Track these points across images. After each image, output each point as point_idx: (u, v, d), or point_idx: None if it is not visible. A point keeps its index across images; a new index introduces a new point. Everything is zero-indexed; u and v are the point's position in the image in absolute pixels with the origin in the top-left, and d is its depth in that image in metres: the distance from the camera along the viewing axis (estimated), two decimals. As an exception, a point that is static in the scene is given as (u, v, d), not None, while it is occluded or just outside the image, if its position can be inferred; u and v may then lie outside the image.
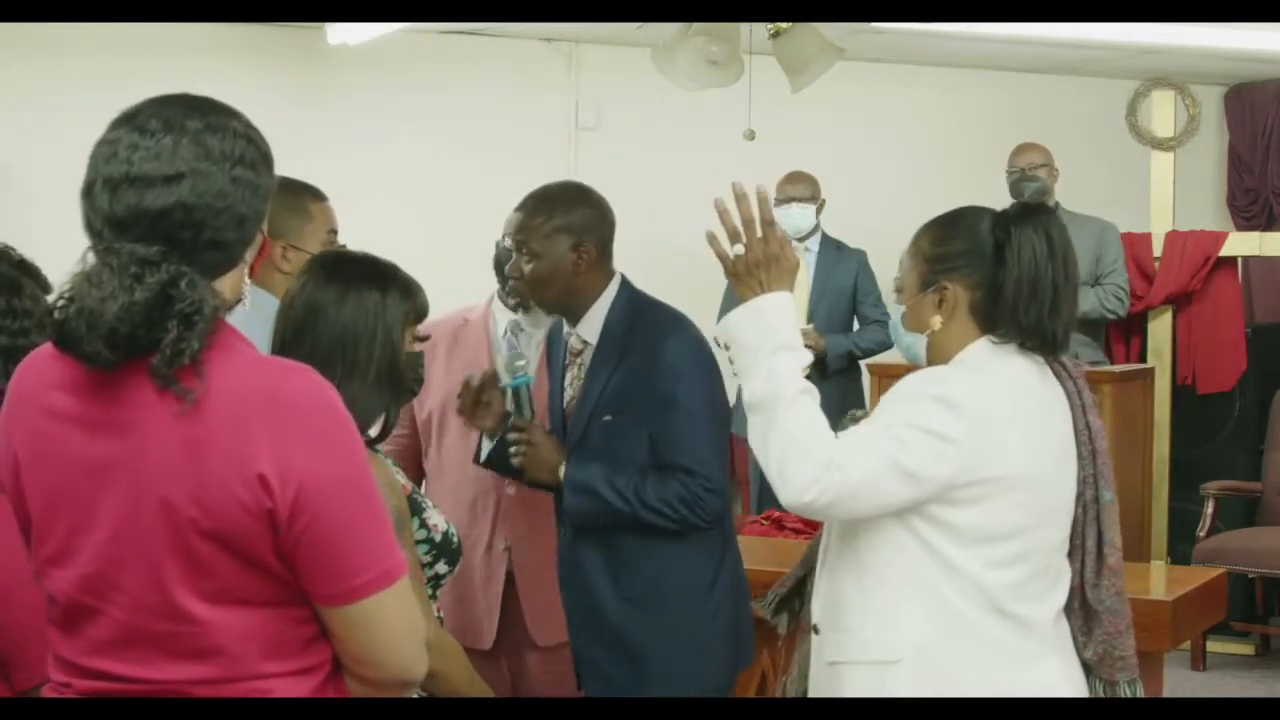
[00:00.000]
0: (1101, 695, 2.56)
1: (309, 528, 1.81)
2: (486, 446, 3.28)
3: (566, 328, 3.24)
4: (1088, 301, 6.13)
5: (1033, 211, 2.55)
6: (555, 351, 3.29)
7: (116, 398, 1.82)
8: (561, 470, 3.12)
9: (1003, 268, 2.49)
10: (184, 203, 1.82)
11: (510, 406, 3.22)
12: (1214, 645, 6.39)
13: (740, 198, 2.45)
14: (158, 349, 1.77)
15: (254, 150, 1.90)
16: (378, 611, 1.87)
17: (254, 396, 1.81)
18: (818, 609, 2.58)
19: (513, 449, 3.17)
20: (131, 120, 1.86)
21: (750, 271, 2.44)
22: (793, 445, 2.35)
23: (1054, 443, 2.51)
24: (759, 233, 2.45)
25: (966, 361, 2.51)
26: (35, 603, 2.01)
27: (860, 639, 2.50)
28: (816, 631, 2.58)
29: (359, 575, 1.85)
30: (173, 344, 1.77)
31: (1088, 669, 2.57)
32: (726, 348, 2.47)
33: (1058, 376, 2.57)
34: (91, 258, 1.81)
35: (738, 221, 2.46)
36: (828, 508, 2.37)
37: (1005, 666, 2.45)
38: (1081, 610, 2.54)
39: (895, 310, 2.63)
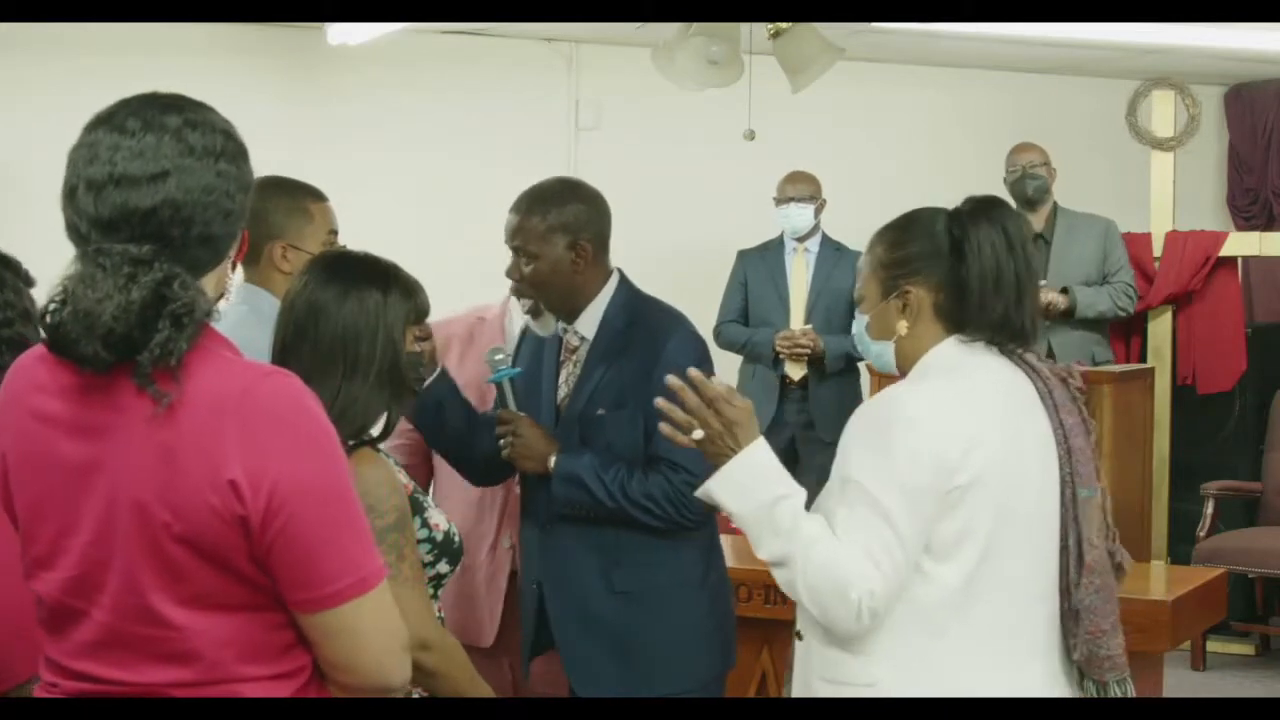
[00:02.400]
0: (1094, 696, 2.51)
1: (281, 534, 1.80)
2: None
3: (561, 325, 3.24)
4: (1103, 301, 6.13)
5: (987, 206, 2.52)
6: (549, 349, 3.28)
7: (98, 401, 1.81)
8: (552, 460, 3.12)
9: (963, 265, 2.47)
10: (171, 200, 1.81)
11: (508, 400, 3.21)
12: (1214, 645, 6.39)
13: (681, 389, 2.47)
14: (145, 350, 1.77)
15: (233, 144, 1.89)
16: (353, 619, 1.85)
17: (226, 400, 1.79)
18: (802, 615, 2.51)
19: (500, 441, 3.17)
20: (109, 121, 1.84)
21: (718, 442, 2.44)
22: (822, 596, 2.35)
23: (1033, 441, 2.47)
24: (709, 409, 2.45)
25: (932, 365, 2.49)
26: (18, 603, 2.01)
27: (835, 657, 2.44)
28: (799, 638, 2.53)
29: (333, 583, 1.83)
30: (161, 344, 1.76)
31: (1082, 672, 2.52)
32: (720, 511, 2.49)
33: (1027, 376, 2.51)
34: (80, 260, 1.79)
35: (682, 415, 2.47)
36: (880, 616, 2.36)
37: (984, 675, 2.41)
38: (1070, 611, 2.48)
39: (858, 320, 2.60)
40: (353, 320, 2.47)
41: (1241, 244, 6.72)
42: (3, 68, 6.23)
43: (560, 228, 3.12)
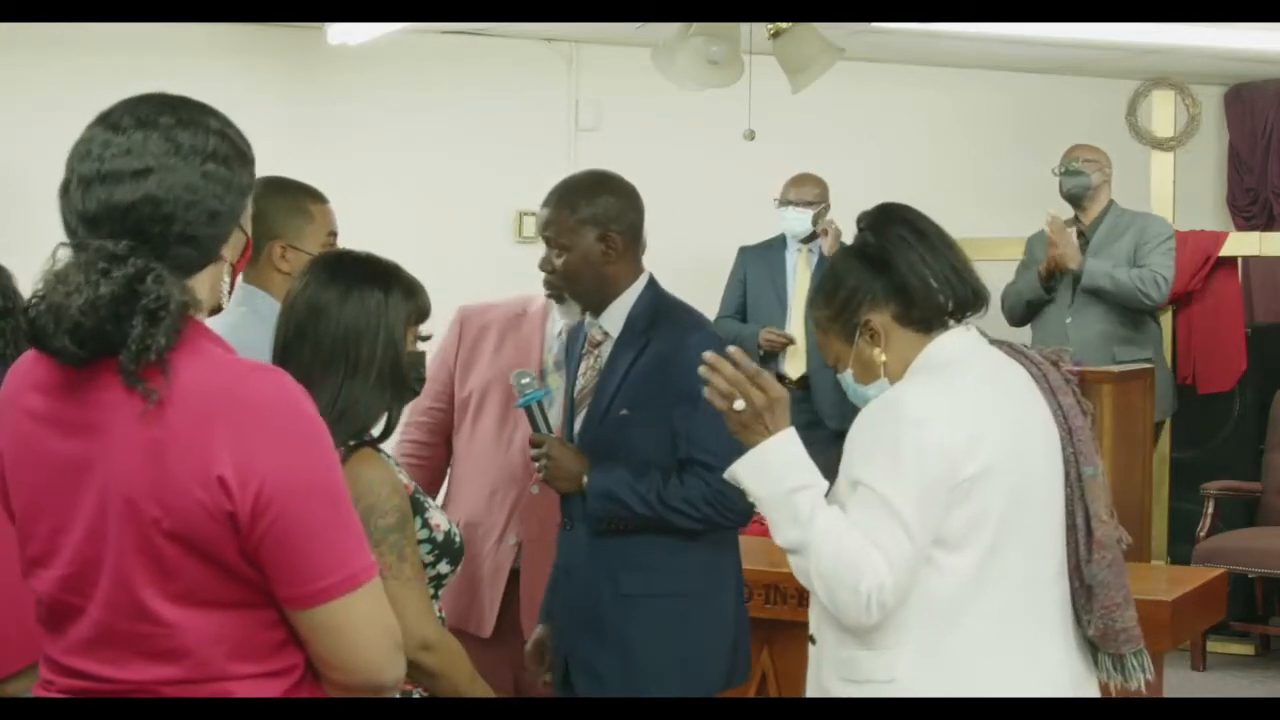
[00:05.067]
0: (1110, 670, 2.56)
1: (270, 530, 1.80)
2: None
3: (588, 318, 3.24)
4: (1121, 273, 5.98)
5: (882, 212, 2.60)
6: (574, 342, 3.30)
7: (87, 398, 1.82)
8: (585, 479, 3.12)
9: (892, 270, 2.53)
10: (151, 196, 1.81)
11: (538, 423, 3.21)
12: (1214, 645, 6.39)
13: (718, 362, 2.49)
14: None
15: (228, 146, 1.89)
16: (343, 616, 1.85)
17: (215, 396, 1.80)
18: (814, 618, 2.55)
19: (536, 465, 3.19)
20: (106, 119, 1.87)
21: (756, 419, 2.46)
22: (834, 587, 2.38)
23: (1035, 425, 2.52)
24: (751, 384, 2.47)
25: (926, 362, 2.52)
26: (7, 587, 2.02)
27: (852, 656, 2.46)
28: (813, 642, 2.56)
29: (322, 579, 1.83)
30: (138, 340, 1.76)
31: (1094, 647, 2.57)
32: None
33: (1019, 363, 2.57)
34: (64, 255, 1.81)
35: (724, 384, 2.48)
36: (888, 610, 2.39)
37: (1001, 659, 2.44)
38: (1081, 589, 2.53)
39: (843, 381, 2.62)
40: (354, 320, 2.47)
41: (1241, 244, 6.72)
42: (3, 68, 6.23)
43: (590, 220, 3.15)
